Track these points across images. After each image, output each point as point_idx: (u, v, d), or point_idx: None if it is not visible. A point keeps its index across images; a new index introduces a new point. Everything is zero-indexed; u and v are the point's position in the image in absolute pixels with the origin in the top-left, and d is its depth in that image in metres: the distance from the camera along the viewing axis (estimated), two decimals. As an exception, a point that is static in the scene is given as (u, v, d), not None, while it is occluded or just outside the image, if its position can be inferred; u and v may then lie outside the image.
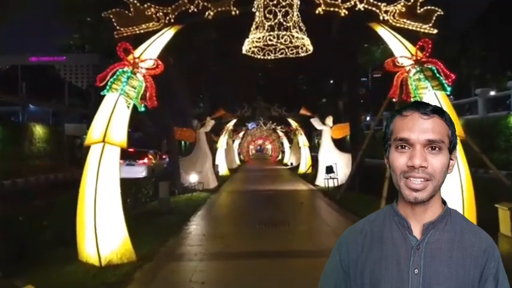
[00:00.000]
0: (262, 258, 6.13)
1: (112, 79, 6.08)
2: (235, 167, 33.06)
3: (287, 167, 33.66)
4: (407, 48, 6.44)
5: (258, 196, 14.61)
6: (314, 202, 13.04)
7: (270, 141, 46.82)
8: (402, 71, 6.43)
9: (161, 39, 6.44)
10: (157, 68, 6.29)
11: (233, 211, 12.08)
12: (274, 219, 9.28)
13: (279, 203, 12.93)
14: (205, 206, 12.42)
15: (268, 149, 66.15)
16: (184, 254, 6.57)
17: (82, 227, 6.03)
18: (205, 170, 16.88)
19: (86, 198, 6.02)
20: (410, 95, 6.33)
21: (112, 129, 6.04)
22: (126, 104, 6.12)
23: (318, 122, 17.41)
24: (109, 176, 6.05)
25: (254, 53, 6.91)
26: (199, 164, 16.87)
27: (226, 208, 12.94)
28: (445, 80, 6.08)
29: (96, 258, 5.87)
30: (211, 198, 14.08)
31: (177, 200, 12.84)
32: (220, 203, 13.65)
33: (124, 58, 6.16)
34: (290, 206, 12.11)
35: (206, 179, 16.73)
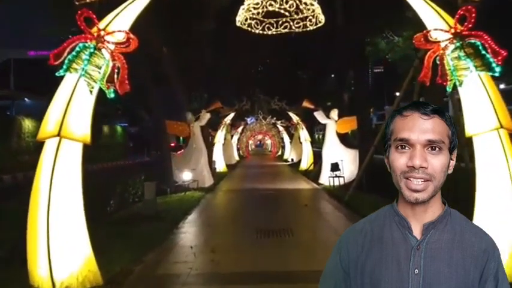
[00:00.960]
0: (260, 283, 4.87)
1: (70, 56, 4.78)
2: (234, 163, 31.84)
3: (287, 163, 32.37)
4: (444, 18, 5.14)
5: (257, 196, 13.35)
6: (319, 204, 11.77)
7: (269, 136, 45.46)
8: (436, 47, 5.12)
9: (134, 7, 5.13)
10: (129, 43, 4.99)
11: (229, 215, 10.81)
12: (275, 225, 8.02)
13: (280, 204, 11.68)
14: (198, 208, 11.16)
15: (267, 144, 64.84)
16: (164, 276, 5.29)
17: (33, 243, 4.77)
18: (200, 167, 15.61)
19: (39, 207, 4.75)
20: (447, 78, 5.04)
21: (70, 120, 4.75)
22: (88, 88, 4.83)
23: (322, 115, 16.10)
24: (67, 179, 4.77)
25: (251, 27, 5.55)
26: (194, 160, 15.60)
27: (221, 211, 11.68)
28: (493, 59, 4.79)
29: (49, 283, 4.62)
30: (205, 199, 12.82)
31: (167, 201, 11.59)
32: (215, 205, 12.39)
33: (86, 30, 4.86)
34: (293, 209, 10.84)
35: (201, 176, 15.46)
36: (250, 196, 13.56)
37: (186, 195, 13.12)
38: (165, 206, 10.59)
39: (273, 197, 13.01)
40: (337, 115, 16.13)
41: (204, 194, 13.58)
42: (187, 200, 11.95)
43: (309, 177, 19.16)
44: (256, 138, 61.61)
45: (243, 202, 12.63)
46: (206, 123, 16.90)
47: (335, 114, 16.10)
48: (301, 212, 10.27)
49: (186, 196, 12.96)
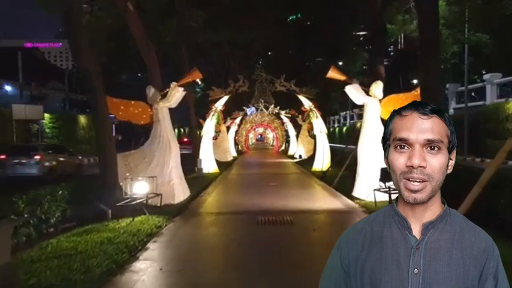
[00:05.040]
0: None
1: None
2: (229, 160, 26.13)
3: (294, 160, 26.62)
4: None
5: (258, 230, 7.63)
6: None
7: (271, 128, 39.73)
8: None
9: None
10: None
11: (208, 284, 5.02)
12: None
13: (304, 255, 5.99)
14: (139, 264, 5.44)
15: (269, 138, 59.09)
16: None
17: None
18: (165, 173, 9.88)
19: None
20: None
21: None
22: None
23: (359, 90, 10.27)
24: None
25: None
26: (156, 162, 9.87)
27: (187, 275, 5.73)
28: None
29: None
30: (163, 236, 7.09)
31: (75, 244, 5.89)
32: (177, 254, 6.49)
33: None
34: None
35: (167, 188, 9.74)
36: (246, 227, 7.82)
37: (131, 225, 7.43)
38: (62, 258, 4.91)
39: (286, 234, 7.32)
40: (382, 90, 10.35)
41: (165, 221, 7.87)
42: (125, 240, 6.22)
43: (328, 182, 13.41)
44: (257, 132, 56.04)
45: (234, 244, 6.85)
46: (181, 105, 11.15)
47: (379, 88, 10.30)
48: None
49: (130, 227, 7.27)
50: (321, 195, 11.54)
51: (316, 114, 18.84)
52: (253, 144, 57.25)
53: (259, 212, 8.89)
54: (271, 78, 19.14)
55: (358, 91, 10.27)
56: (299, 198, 10.81)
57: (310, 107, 19.17)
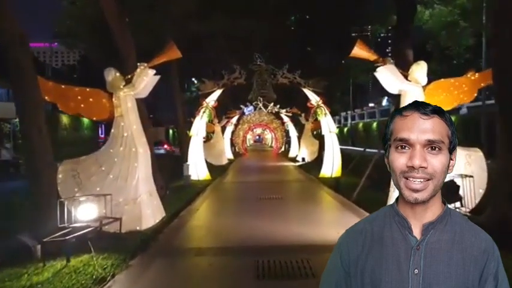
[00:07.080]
0: None
1: None
2: (225, 164, 23.28)
3: (297, 163, 23.82)
4: None
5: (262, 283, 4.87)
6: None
7: (270, 129, 36.93)
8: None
9: None
10: None
11: None
12: None
13: None
14: None
15: (267, 139, 56.28)
16: None
17: None
18: (130, 187, 7.08)
19: None
20: None
21: None
22: None
23: (395, 74, 7.51)
24: None
25: None
26: (116, 173, 7.07)
27: None
28: None
29: None
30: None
31: None
32: None
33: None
34: None
35: (132, 208, 6.96)
36: (241, 279, 5.04)
37: (59, 275, 4.64)
38: None
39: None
40: (426, 74, 7.58)
41: (112, 270, 5.05)
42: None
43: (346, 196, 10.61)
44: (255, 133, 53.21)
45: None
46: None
47: (422, 71, 7.53)
48: None
49: (56, 278, 4.49)
50: (341, 215, 8.75)
51: (325, 111, 16.07)
52: (251, 145, 54.35)
53: (260, 249, 6.06)
54: (273, 69, 16.34)
55: (395, 74, 7.49)
56: (312, 221, 8.02)
57: (318, 102, 16.41)
